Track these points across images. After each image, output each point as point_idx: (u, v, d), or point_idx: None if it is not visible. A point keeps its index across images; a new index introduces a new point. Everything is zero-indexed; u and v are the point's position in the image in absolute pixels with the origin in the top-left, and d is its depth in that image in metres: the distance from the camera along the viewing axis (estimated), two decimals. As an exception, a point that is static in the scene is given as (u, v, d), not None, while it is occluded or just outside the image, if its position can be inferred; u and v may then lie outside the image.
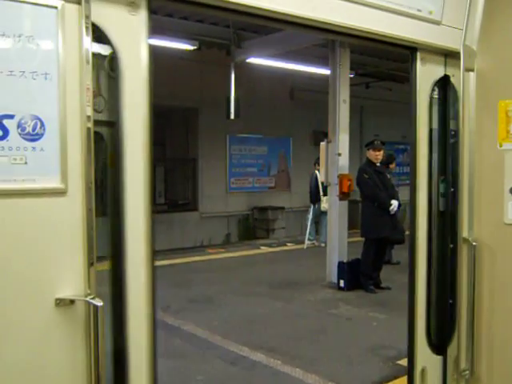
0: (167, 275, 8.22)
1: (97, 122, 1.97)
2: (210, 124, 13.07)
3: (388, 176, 7.95)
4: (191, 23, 9.17)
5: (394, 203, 7.42)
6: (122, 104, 2.05)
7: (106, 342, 1.97)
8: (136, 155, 2.09)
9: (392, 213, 7.40)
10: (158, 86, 2.43)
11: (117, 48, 2.02)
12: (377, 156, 7.65)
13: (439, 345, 3.30)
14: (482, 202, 3.18)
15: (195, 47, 9.53)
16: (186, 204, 13.82)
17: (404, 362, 4.11)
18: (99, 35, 1.97)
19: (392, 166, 9.47)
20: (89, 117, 1.91)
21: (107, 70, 2.11)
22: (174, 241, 12.11)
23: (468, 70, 3.13)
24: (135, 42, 2.07)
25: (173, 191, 13.98)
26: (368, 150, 7.89)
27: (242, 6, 2.29)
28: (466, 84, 3.13)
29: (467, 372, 3.18)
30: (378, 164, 7.71)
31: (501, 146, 3.10)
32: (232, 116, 10.59)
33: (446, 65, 3.25)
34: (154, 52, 2.15)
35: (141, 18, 2.06)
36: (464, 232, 3.18)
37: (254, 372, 4.84)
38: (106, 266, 2.12)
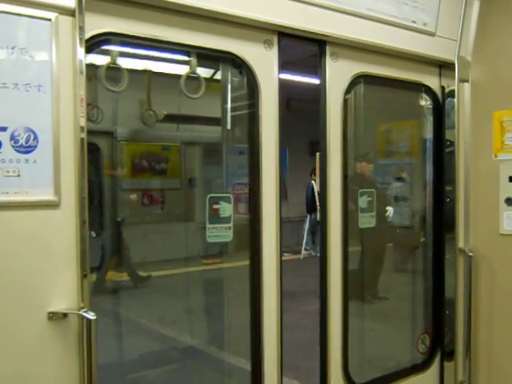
0: (164, 286, 8.16)
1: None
2: (207, 134, 13.02)
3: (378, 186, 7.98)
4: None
5: (390, 209, 7.45)
6: (259, 116, 2.56)
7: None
8: (270, 162, 2.65)
9: (389, 219, 7.43)
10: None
11: (256, 75, 2.52)
12: (369, 168, 7.67)
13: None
14: (478, 212, 3.17)
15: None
16: (183, 214, 13.73)
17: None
18: (241, 65, 2.51)
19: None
20: (82, 127, 1.90)
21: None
22: (171, 251, 12.01)
23: (463, 80, 3.14)
24: (269, 71, 2.59)
25: (170, 202, 13.87)
26: (361, 162, 7.88)
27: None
28: (461, 95, 3.14)
29: (465, 384, 3.17)
30: (366, 175, 7.74)
31: (496, 156, 3.10)
32: (228, 126, 10.58)
33: (440, 76, 3.26)
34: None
35: (273, 52, 2.60)
36: (460, 243, 3.18)
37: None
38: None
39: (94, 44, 2.05)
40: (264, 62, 2.56)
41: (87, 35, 1.97)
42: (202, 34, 2.33)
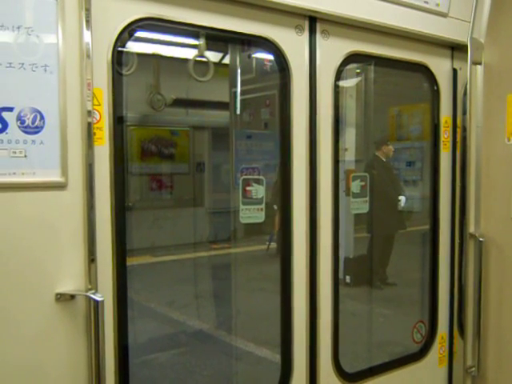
0: (173, 271, 8.21)
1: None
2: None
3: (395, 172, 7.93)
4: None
5: (402, 199, 7.43)
6: (291, 98, 2.59)
7: None
8: (300, 145, 2.63)
9: (400, 208, 7.40)
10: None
11: (287, 59, 2.57)
12: (392, 151, 7.63)
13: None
14: (490, 197, 3.13)
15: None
16: (192, 199, 13.75)
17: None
18: (275, 49, 2.56)
19: None
20: (89, 112, 1.89)
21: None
22: (181, 236, 12.06)
23: (475, 63, 3.08)
24: (300, 56, 2.62)
25: (178, 187, 13.90)
26: (388, 145, 7.82)
27: None
28: (474, 77, 3.08)
29: (474, 369, 3.15)
30: (384, 159, 7.68)
31: (509, 140, 3.05)
32: (238, 111, 10.51)
33: (453, 58, 3.20)
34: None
35: (304, 37, 2.63)
36: (471, 227, 3.14)
37: (259, 367, 4.82)
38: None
39: (131, 30, 2.11)
40: (295, 46, 2.61)
41: (126, 21, 2.03)
42: (238, 19, 2.38)
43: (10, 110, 1.74)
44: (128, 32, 2.11)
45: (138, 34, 2.37)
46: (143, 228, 9.03)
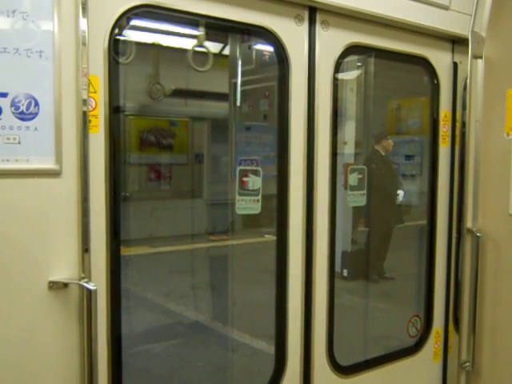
0: (171, 261, 8.21)
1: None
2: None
3: (394, 166, 7.93)
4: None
5: (401, 193, 7.42)
6: (289, 89, 2.57)
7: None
8: (298, 136, 2.62)
9: (398, 203, 7.39)
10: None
11: (286, 50, 2.56)
12: (391, 145, 7.63)
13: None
14: (488, 192, 3.12)
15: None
16: (191, 190, 13.72)
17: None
18: (274, 39, 2.53)
19: None
20: (85, 100, 1.87)
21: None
22: (179, 227, 12.05)
23: (476, 57, 3.06)
24: (299, 47, 2.61)
25: (177, 178, 13.87)
26: (388, 139, 7.82)
27: None
28: (474, 72, 3.07)
29: (468, 364, 3.15)
30: (383, 153, 7.68)
31: (508, 135, 3.04)
32: (238, 103, 10.48)
33: (453, 51, 3.18)
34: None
35: (303, 28, 2.61)
36: (468, 222, 3.14)
37: (254, 359, 4.83)
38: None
39: (128, 18, 2.10)
40: (295, 37, 2.59)
41: (123, 8, 2.01)
42: (237, 8, 2.36)
43: (4, 95, 1.73)
44: (125, 19, 2.09)
45: (136, 22, 2.35)
46: (141, 218, 9.01)
